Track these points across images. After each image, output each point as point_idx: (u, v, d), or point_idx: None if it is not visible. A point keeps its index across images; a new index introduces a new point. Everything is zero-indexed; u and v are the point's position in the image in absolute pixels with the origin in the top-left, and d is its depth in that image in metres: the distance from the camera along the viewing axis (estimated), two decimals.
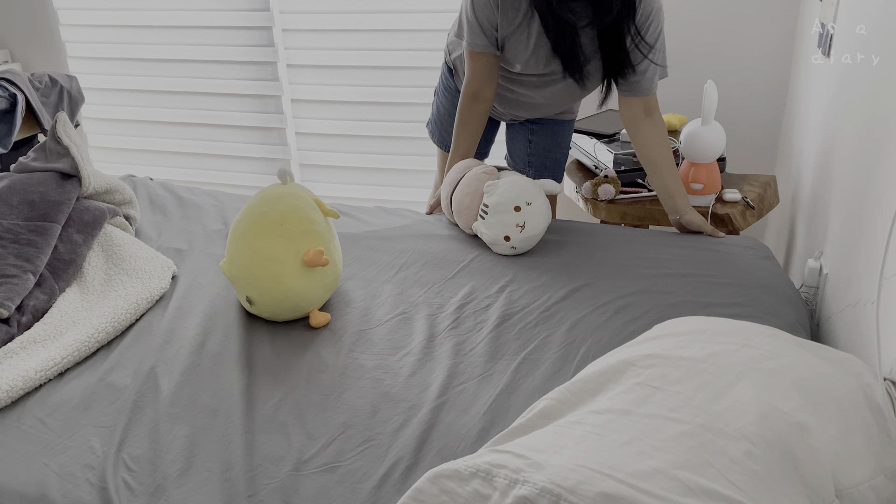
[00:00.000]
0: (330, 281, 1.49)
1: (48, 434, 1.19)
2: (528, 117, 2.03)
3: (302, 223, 1.46)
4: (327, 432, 1.17)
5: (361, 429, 1.18)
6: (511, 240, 1.66)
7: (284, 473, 1.10)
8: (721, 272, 1.57)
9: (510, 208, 1.65)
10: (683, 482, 0.77)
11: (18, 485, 1.09)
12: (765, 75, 2.43)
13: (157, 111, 3.23)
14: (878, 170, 1.26)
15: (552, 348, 1.36)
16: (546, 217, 1.69)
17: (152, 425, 1.20)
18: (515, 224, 1.65)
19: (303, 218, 1.47)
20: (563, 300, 1.50)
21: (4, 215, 1.60)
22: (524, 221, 1.65)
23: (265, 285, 1.42)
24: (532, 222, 1.66)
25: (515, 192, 1.66)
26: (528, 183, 1.68)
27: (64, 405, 1.26)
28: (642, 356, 1.00)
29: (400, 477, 1.08)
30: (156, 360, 1.36)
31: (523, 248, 1.69)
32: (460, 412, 1.21)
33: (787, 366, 0.95)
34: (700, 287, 1.52)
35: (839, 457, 0.85)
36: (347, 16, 2.83)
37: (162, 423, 1.20)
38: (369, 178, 3.09)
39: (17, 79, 2.65)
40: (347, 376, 1.31)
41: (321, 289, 1.47)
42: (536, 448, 0.85)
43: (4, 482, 1.10)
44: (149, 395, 1.27)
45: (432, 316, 1.47)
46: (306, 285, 1.44)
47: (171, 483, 1.09)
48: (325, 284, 1.48)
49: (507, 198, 1.66)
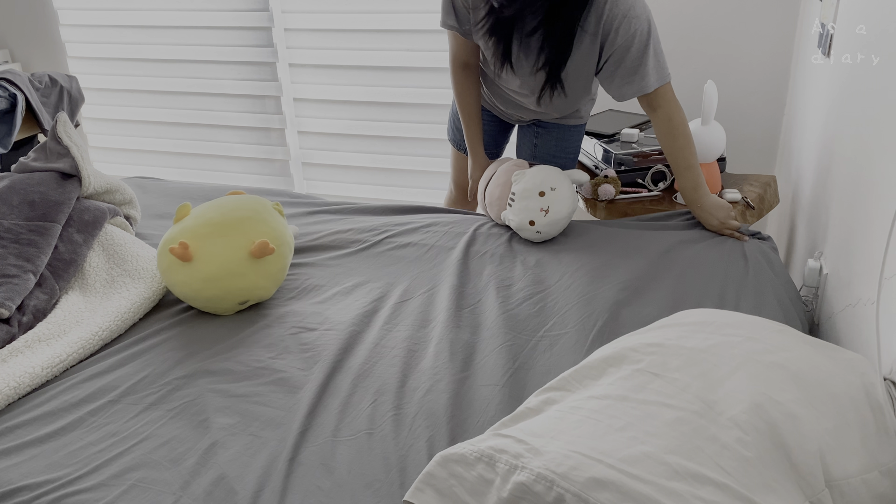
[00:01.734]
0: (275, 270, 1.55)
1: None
2: (528, 118, 2.03)
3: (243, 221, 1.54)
4: (363, 400, 1.26)
5: (392, 396, 1.26)
6: (536, 224, 1.72)
7: (322, 439, 1.17)
8: (735, 267, 1.57)
9: (535, 194, 1.72)
10: (672, 466, 0.80)
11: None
12: (765, 75, 2.43)
13: (157, 111, 3.23)
14: (878, 170, 1.26)
15: (569, 325, 1.43)
16: (571, 203, 1.74)
17: (195, 398, 1.24)
18: (540, 209, 1.71)
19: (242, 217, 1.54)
20: (590, 283, 1.57)
21: (5, 215, 1.60)
22: (548, 206, 1.71)
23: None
24: (556, 206, 1.71)
25: (541, 178, 1.73)
26: (554, 170, 1.75)
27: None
28: (645, 344, 1.02)
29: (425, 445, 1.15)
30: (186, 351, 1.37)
31: (549, 232, 1.74)
32: (481, 386, 1.28)
33: (788, 360, 0.96)
34: (719, 279, 1.52)
35: (832, 449, 0.86)
36: (348, 16, 2.83)
37: (210, 398, 1.22)
38: (371, 177, 3.09)
39: (17, 79, 2.65)
40: (382, 346, 1.40)
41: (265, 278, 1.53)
42: (536, 433, 0.89)
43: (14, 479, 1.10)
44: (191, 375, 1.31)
45: (457, 292, 1.56)
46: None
47: (218, 446, 1.16)
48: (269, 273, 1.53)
49: (532, 184, 1.72)
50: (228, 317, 1.51)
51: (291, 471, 1.10)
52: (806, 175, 1.93)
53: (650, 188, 2.12)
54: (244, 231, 1.51)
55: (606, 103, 2.60)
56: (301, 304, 1.56)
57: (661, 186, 2.12)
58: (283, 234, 1.58)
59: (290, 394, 1.27)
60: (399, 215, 1.96)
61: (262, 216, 1.56)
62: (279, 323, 1.49)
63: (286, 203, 2.07)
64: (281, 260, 1.55)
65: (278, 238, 1.55)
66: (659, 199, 2.08)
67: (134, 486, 1.09)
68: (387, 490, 1.06)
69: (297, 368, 1.34)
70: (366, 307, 1.52)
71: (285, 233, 1.60)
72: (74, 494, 1.07)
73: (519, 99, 1.93)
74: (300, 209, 2.02)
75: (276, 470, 1.10)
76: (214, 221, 1.51)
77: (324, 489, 1.07)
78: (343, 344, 1.40)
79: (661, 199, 2.08)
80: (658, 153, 2.11)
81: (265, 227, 1.54)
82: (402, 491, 1.06)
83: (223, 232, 1.49)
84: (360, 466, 1.11)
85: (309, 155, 3.12)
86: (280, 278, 1.56)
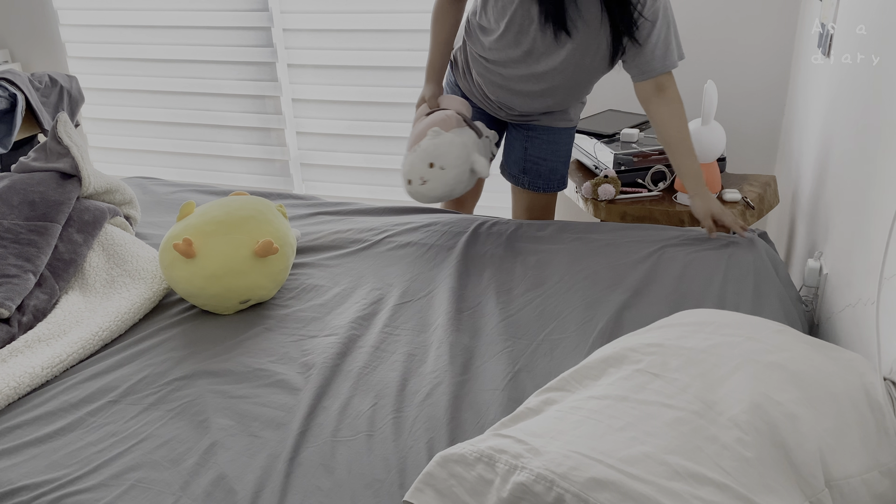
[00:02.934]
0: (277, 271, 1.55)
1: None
2: (521, 110, 1.94)
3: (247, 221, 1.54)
4: (363, 402, 1.26)
5: (392, 400, 1.26)
6: (412, 184, 1.75)
7: (322, 440, 1.16)
8: (734, 267, 1.57)
9: (426, 161, 1.73)
10: (672, 466, 0.80)
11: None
12: (765, 75, 2.43)
13: (157, 111, 3.23)
14: (878, 170, 1.26)
15: (571, 327, 1.43)
16: (450, 188, 1.76)
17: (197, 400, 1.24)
18: (420, 177, 1.73)
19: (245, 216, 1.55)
20: (590, 285, 1.57)
21: (5, 215, 1.60)
22: (428, 179, 1.73)
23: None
24: (433, 184, 1.74)
25: (440, 152, 1.73)
26: (457, 150, 1.74)
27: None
28: (645, 344, 1.02)
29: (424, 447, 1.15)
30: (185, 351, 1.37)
31: (417, 198, 1.78)
32: (481, 390, 1.27)
33: (788, 360, 0.96)
34: (719, 279, 1.52)
35: (832, 449, 0.87)
36: (347, 16, 2.83)
37: (210, 398, 1.23)
38: (370, 178, 3.09)
39: (17, 79, 2.65)
40: (382, 350, 1.40)
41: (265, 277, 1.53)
42: (536, 433, 0.89)
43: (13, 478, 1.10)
44: (191, 376, 1.31)
45: (456, 295, 1.55)
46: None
47: (217, 447, 1.16)
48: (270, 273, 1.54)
49: (429, 152, 1.73)
50: (228, 317, 1.51)
51: (291, 471, 1.10)
52: (806, 175, 1.93)
53: (650, 188, 2.12)
54: (248, 230, 1.51)
55: (607, 103, 2.60)
56: (301, 304, 1.56)
57: (661, 186, 2.12)
58: (287, 235, 1.58)
59: (290, 395, 1.27)
60: (398, 215, 1.96)
61: (266, 217, 1.56)
62: (279, 324, 1.49)
63: (286, 204, 2.07)
64: (283, 260, 1.55)
65: (281, 238, 1.55)
66: (659, 199, 2.08)
67: (134, 486, 1.09)
68: (387, 490, 1.06)
69: (296, 371, 1.34)
70: (365, 309, 1.52)
71: (288, 234, 1.60)
72: (74, 494, 1.07)
73: (527, 87, 1.86)
74: (300, 209, 2.03)
75: (276, 470, 1.10)
76: (218, 219, 1.51)
77: (324, 489, 1.07)
78: (343, 347, 1.39)
79: (661, 199, 2.08)
80: (658, 153, 2.11)
81: (269, 227, 1.54)
82: (401, 491, 1.06)
83: (227, 230, 1.49)
84: (360, 467, 1.11)
85: (308, 155, 3.12)
86: (281, 279, 1.56)
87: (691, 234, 1.76)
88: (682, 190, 2.03)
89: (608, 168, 2.12)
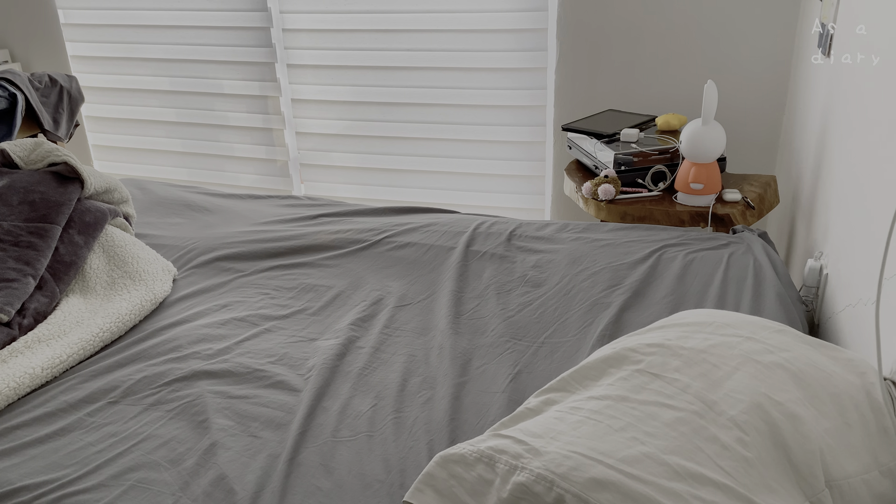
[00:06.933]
0: None
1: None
2: None
3: None
4: (363, 403, 1.26)
5: (392, 400, 1.26)
6: None
7: (322, 440, 1.17)
8: (735, 267, 1.57)
9: None
10: (672, 467, 0.80)
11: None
12: (765, 75, 2.43)
13: (157, 111, 3.23)
14: (878, 170, 1.26)
15: (570, 331, 1.43)
16: None
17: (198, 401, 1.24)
18: None
19: None
20: (591, 286, 1.57)
21: (4, 216, 1.59)
22: None
23: None
24: None
25: None
26: None
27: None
28: (645, 344, 1.02)
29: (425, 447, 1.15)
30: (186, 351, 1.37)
31: None
32: (481, 392, 1.27)
33: (789, 360, 0.96)
34: (719, 279, 1.52)
35: (832, 449, 0.87)
36: (347, 16, 2.83)
37: (209, 399, 1.22)
38: (369, 178, 3.09)
39: (17, 79, 2.65)
40: (382, 351, 1.40)
41: None
42: (536, 434, 0.89)
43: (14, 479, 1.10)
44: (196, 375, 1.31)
45: (456, 297, 1.55)
46: None
47: (217, 447, 1.16)
48: None
49: None
50: (227, 318, 1.51)
51: (291, 471, 1.10)
52: (806, 175, 1.93)
53: (650, 188, 2.12)
54: None
55: (606, 103, 2.60)
56: (301, 304, 1.56)
57: (661, 186, 2.12)
58: None
59: (290, 396, 1.27)
60: (398, 215, 1.96)
61: None
62: (279, 325, 1.49)
63: (286, 204, 2.07)
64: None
65: None
66: (659, 199, 2.08)
67: (133, 486, 1.09)
68: (387, 491, 1.06)
69: (296, 372, 1.34)
70: (365, 310, 1.52)
71: None
72: (74, 494, 1.07)
73: None
74: (300, 210, 2.02)
75: (276, 470, 1.10)
76: None
77: (323, 489, 1.07)
78: (342, 347, 1.39)
79: (661, 199, 2.08)
80: (658, 153, 2.11)
81: None
82: (401, 491, 1.06)
83: None
84: (360, 467, 1.11)
85: (307, 156, 3.11)
86: None
87: (691, 234, 1.76)
88: (682, 190, 2.03)
89: (608, 168, 2.12)
